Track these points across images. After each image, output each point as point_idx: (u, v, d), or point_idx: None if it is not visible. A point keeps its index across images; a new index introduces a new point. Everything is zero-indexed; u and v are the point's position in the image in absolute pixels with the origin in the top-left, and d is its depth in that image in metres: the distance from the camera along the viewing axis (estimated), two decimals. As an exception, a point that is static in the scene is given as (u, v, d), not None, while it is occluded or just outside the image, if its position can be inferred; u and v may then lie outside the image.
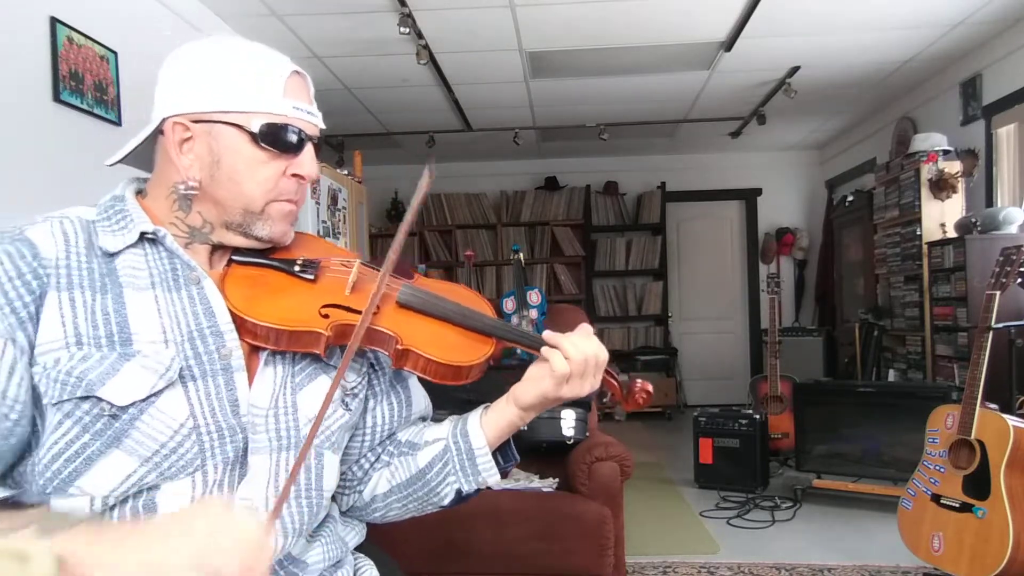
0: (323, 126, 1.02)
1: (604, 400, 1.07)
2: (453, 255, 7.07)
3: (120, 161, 1.01)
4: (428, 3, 3.61)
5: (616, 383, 1.05)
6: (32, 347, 0.86)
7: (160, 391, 0.88)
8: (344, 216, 4.21)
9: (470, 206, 7.17)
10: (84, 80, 2.71)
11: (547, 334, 1.00)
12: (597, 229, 7.18)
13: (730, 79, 4.93)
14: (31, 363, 0.86)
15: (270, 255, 1.01)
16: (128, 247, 0.93)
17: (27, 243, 0.88)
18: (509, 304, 3.27)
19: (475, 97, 5.22)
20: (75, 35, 2.66)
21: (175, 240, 0.96)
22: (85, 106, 2.71)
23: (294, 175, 0.98)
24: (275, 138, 0.94)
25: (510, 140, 6.04)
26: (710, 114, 5.82)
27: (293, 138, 0.96)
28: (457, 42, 4.14)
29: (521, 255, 3.76)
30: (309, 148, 0.99)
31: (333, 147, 6.18)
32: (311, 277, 1.00)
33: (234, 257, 1.00)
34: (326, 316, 0.95)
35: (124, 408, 0.86)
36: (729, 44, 4.23)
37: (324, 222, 3.84)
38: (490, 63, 4.52)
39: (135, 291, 0.91)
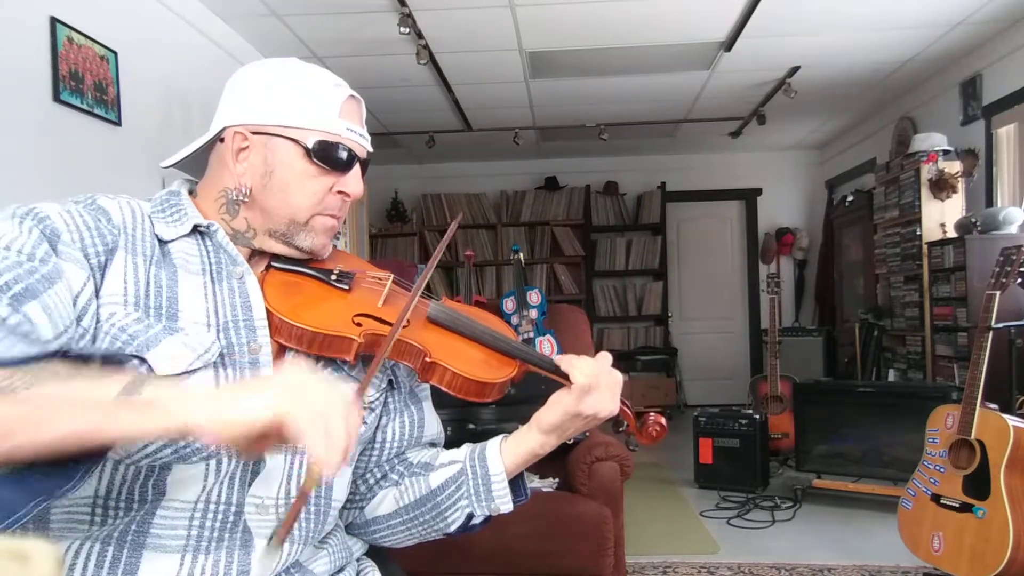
0: (371, 149, 1.07)
1: (620, 430, 1.09)
2: (453, 255, 7.07)
3: (174, 165, 1.07)
4: (428, 3, 3.61)
5: (631, 414, 1.07)
6: (98, 294, 0.89)
7: (195, 370, 0.90)
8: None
9: (470, 206, 7.17)
10: (84, 80, 2.72)
11: (559, 358, 1.02)
12: (597, 229, 7.18)
13: (730, 79, 4.93)
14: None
15: (308, 264, 1.05)
16: (181, 236, 0.97)
17: (100, 209, 0.93)
18: (509, 304, 3.27)
19: (475, 97, 5.22)
20: (75, 35, 2.67)
21: (224, 235, 1.00)
22: (85, 106, 2.72)
23: (340, 192, 1.02)
24: (327, 155, 0.99)
25: (510, 140, 6.04)
26: (710, 114, 5.82)
27: (344, 156, 1.00)
28: (457, 42, 4.14)
29: (521, 255, 3.76)
30: (357, 168, 1.03)
31: (333, 147, 6.17)
32: (346, 287, 1.03)
33: (274, 263, 1.04)
34: (359, 324, 0.98)
35: (159, 378, 0.87)
36: (729, 44, 4.23)
37: (324, 222, 3.84)
38: (490, 63, 4.52)
39: (187, 274, 0.96)
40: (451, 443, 1.15)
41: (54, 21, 2.56)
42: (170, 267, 0.95)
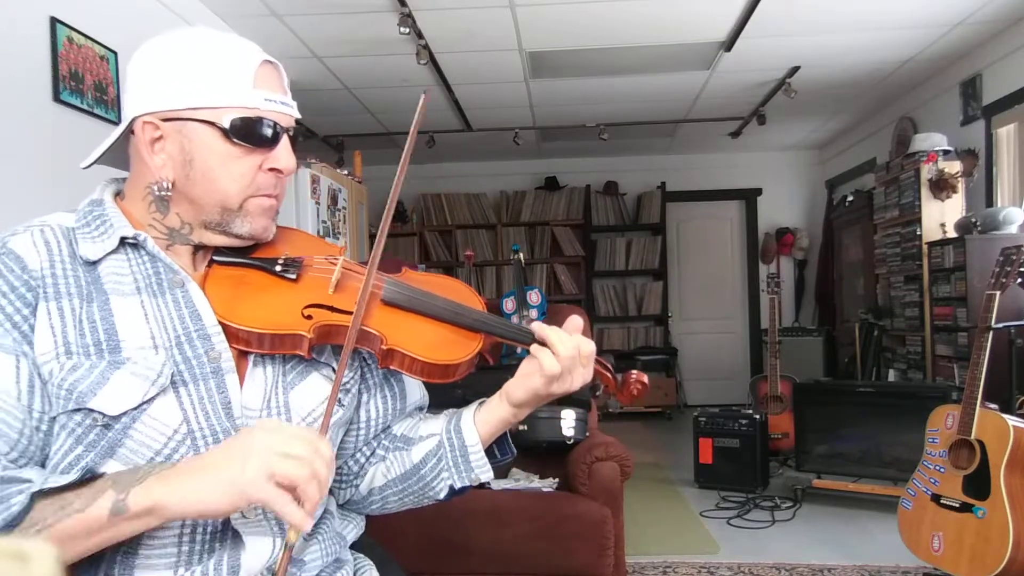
0: (298, 115, 0.99)
1: (597, 393, 1.07)
2: (453, 255, 7.07)
3: (95, 163, 0.99)
4: (428, 3, 3.61)
5: (609, 374, 1.04)
6: (34, 361, 0.85)
7: (152, 398, 0.87)
8: (344, 216, 4.21)
9: (470, 206, 7.17)
10: (84, 80, 2.71)
11: (535, 326, 0.98)
12: (597, 229, 7.18)
13: (730, 79, 4.93)
14: None
15: (252, 253, 1.00)
16: (109, 253, 0.91)
17: (12, 256, 0.87)
18: (509, 304, 3.27)
19: (475, 97, 5.22)
20: (75, 35, 2.66)
21: (155, 243, 0.94)
22: (85, 106, 2.71)
23: (271, 169, 0.95)
24: (248, 132, 0.92)
25: (510, 140, 6.04)
26: (710, 114, 5.82)
27: (267, 131, 0.93)
28: (457, 42, 4.14)
29: (521, 255, 3.77)
30: (285, 140, 0.96)
31: (333, 147, 6.18)
32: (293, 276, 0.98)
33: (215, 258, 0.98)
34: (309, 317, 0.94)
35: (116, 418, 0.85)
36: (729, 44, 4.23)
37: (324, 222, 3.84)
38: (490, 63, 4.52)
39: (120, 297, 0.90)
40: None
41: (54, 21, 2.56)
42: (101, 295, 0.89)
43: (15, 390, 0.83)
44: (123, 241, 0.92)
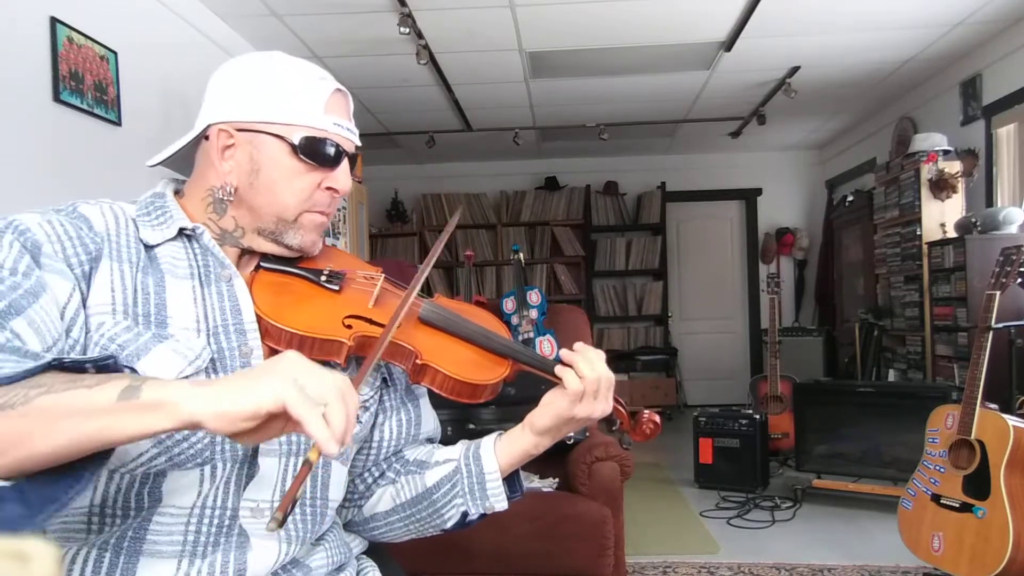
0: (359, 143, 1.05)
1: (613, 428, 1.09)
2: (453, 255, 7.07)
3: (162, 163, 1.05)
4: (428, 3, 3.61)
5: (624, 412, 1.07)
6: (85, 304, 0.87)
7: (187, 376, 0.89)
8: (344, 216, 4.21)
9: (470, 206, 7.17)
10: (84, 80, 2.71)
11: (563, 353, 1.01)
12: (597, 229, 7.18)
13: (730, 79, 4.93)
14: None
15: (297, 264, 1.04)
16: (167, 240, 0.96)
17: (81, 217, 0.91)
18: (509, 304, 3.27)
19: (475, 97, 5.22)
20: (75, 35, 2.66)
21: (211, 237, 0.98)
22: (85, 106, 2.71)
23: (328, 188, 1.00)
24: (314, 151, 0.97)
25: (510, 140, 6.04)
26: (710, 114, 5.82)
27: (331, 152, 0.98)
28: (457, 42, 4.14)
29: (521, 255, 3.76)
30: (345, 163, 1.01)
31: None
32: (336, 288, 1.02)
33: (263, 264, 1.02)
34: (349, 327, 0.97)
35: None
36: (729, 44, 4.23)
37: (324, 222, 3.84)
38: (490, 63, 4.52)
39: (175, 279, 0.94)
40: (450, 443, 1.15)
41: (54, 21, 2.56)
42: (157, 272, 0.94)
43: (61, 310, 0.85)
44: (181, 231, 0.97)
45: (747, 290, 7.48)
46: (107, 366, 0.77)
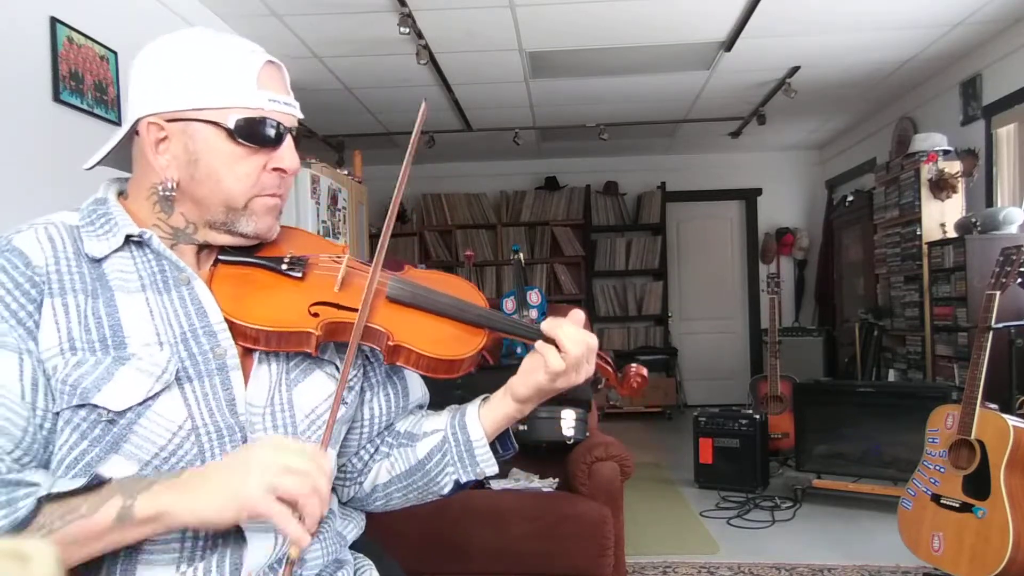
0: (301, 116, 1.00)
1: (599, 387, 1.07)
2: (453, 255, 7.07)
3: (98, 164, 1.00)
4: (428, 3, 3.61)
5: (610, 368, 1.04)
6: (40, 358, 0.86)
7: (157, 394, 0.87)
8: (344, 216, 4.21)
9: (470, 206, 7.17)
10: (84, 80, 2.71)
11: (545, 324, 0.99)
12: (597, 229, 7.18)
13: (730, 79, 4.93)
14: None
15: (257, 252, 1.00)
16: (114, 251, 0.92)
17: (17, 253, 0.88)
18: (509, 304, 3.27)
19: (475, 97, 5.22)
20: (75, 35, 2.66)
21: (161, 241, 0.95)
22: (85, 106, 2.71)
23: (275, 169, 0.96)
24: (252, 132, 0.92)
25: (510, 140, 6.04)
26: (710, 114, 5.82)
27: (271, 131, 0.94)
28: (457, 42, 4.14)
29: (521, 255, 3.76)
30: (288, 140, 0.97)
31: (333, 147, 6.18)
32: (299, 275, 0.99)
33: (220, 257, 0.99)
34: (315, 315, 0.95)
35: (121, 413, 0.86)
36: (729, 44, 4.23)
37: (324, 222, 3.84)
38: (490, 63, 4.52)
39: (126, 294, 0.91)
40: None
41: (54, 21, 2.56)
42: (107, 291, 0.90)
43: (18, 388, 0.84)
44: (128, 239, 0.93)
45: (747, 290, 7.48)
46: (96, 482, 0.83)
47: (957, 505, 2.48)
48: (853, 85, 5.12)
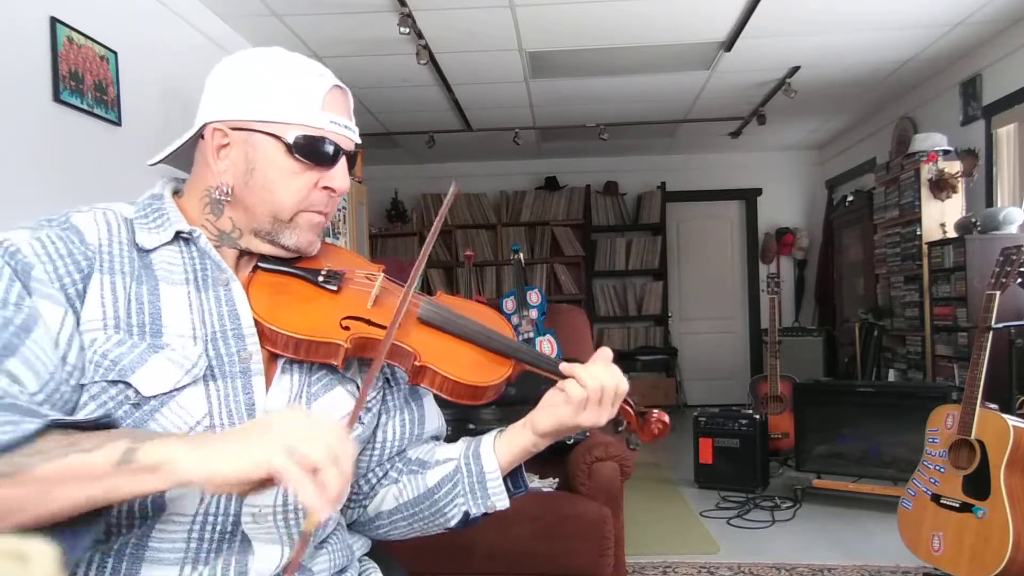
0: (358, 140, 1.03)
1: (620, 429, 1.07)
2: (453, 255, 7.07)
3: (161, 161, 1.04)
4: (428, 3, 3.61)
5: (632, 412, 1.04)
6: (79, 323, 0.87)
7: (184, 386, 0.89)
8: (344, 216, 4.21)
9: (470, 206, 7.17)
10: (84, 80, 2.71)
11: (563, 366, 0.99)
12: (597, 229, 7.18)
13: (730, 79, 4.93)
14: None
15: (295, 264, 1.02)
16: (164, 244, 0.95)
17: (74, 229, 0.91)
18: (509, 304, 3.27)
19: (475, 97, 5.22)
20: (75, 35, 2.66)
21: (208, 241, 0.97)
22: (85, 106, 2.71)
23: (325, 187, 0.99)
24: (310, 150, 0.96)
25: (510, 140, 6.04)
26: (710, 114, 5.82)
27: (328, 151, 0.97)
28: (457, 42, 4.14)
29: (521, 255, 3.76)
30: (342, 162, 0.99)
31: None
32: (334, 288, 1.00)
33: (260, 264, 1.01)
34: (347, 328, 0.96)
35: (148, 399, 0.87)
36: (729, 44, 4.23)
37: (324, 222, 3.84)
38: (490, 63, 4.52)
39: (169, 285, 0.93)
40: (450, 441, 1.15)
41: (54, 21, 2.56)
42: (151, 280, 0.93)
43: (55, 335, 0.84)
44: (178, 235, 0.96)
45: (747, 290, 7.48)
46: (104, 425, 0.79)
47: (957, 505, 2.48)
48: (853, 85, 5.12)
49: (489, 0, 3.61)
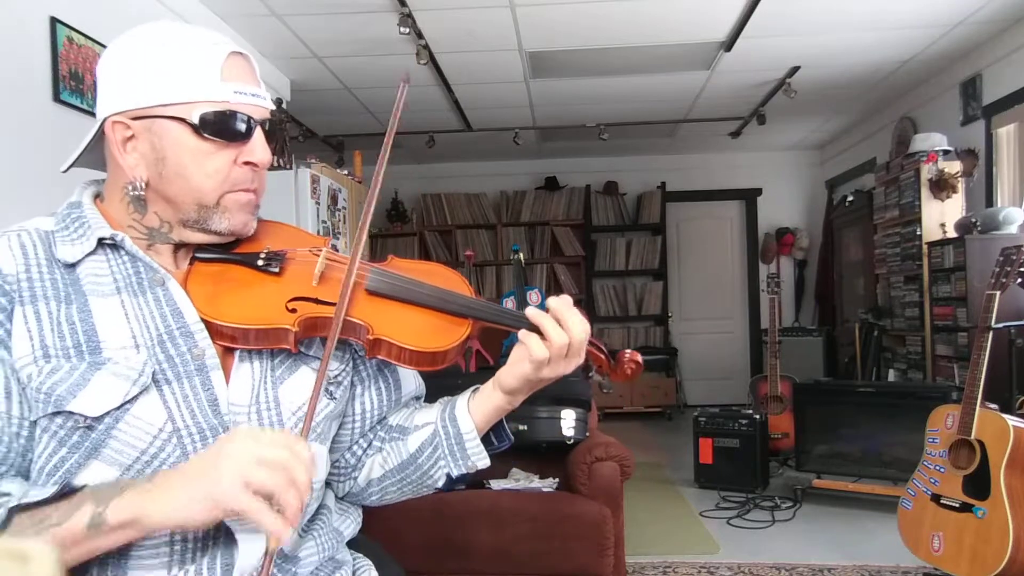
0: (271, 106, 0.97)
1: (591, 374, 1.04)
2: (453, 255, 7.07)
3: (72, 166, 0.98)
4: (428, 3, 3.61)
5: (602, 355, 1.01)
6: (14, 367, 0.85)
7: (134, 397, 0.86)
8: (344, 216, 4.21)
9: (470, 206, 7.17)
10: (84, 80, 2.71)
11: (530, 311, 0.95)
12: (597, 229, 7.18)
13: (730, 79, 4.93)
14: None
15: (234, 249, 0.98)
16: (88, 255, 0.91)
17: None
18: (509, 304, 3.27)
19: (475, 97, 5.22)
20: (75, 35, 2.66)
21: (135, 243, 0.93)
22: (85, 106, 2.71)
23: (246, 163, 0.94)
24: (219, 127, 0.90)
25: (510, 140, 6.04)
26: (710, 114, 5.82)
27: (240, 125, 0.91)
28: (457, 42, 4.14)
29: (521, 255, 3.77)
30: (259, 133, 0.94)
31: (333, 147, 6.18)
32: (276, 270, 0.97)
33: (197, 255, 0.97)
34: (293, 311, 0.93)
35: (99, 418, 0.85)
36: (729, 44, 4.23)
37: (324, 222, 3.84)
38: (490, 63, 4.52)
39: (100, 298, 0.90)
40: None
41: (54, 21, 2.56)
42: (80, 297, 0.89)
43: None
44: (101, 242, 0.92)
45: (747, 290, 7.48)
46: (67, 491, 0.80)
47: (957, 505, 2.48)
48: (853, 85, 5.12)
49: (489, 0, 3.61)
